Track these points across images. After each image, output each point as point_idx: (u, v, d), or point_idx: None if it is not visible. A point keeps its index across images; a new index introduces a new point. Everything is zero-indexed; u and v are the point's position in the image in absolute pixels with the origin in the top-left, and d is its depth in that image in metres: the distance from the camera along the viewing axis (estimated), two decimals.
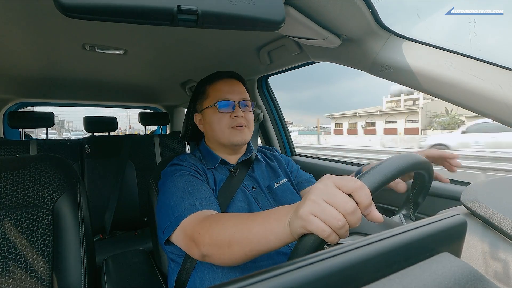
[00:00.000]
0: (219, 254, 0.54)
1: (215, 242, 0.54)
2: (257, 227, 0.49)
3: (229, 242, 0.52)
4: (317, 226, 0.38)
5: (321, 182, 0.42)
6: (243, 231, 0.51)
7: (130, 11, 0.40)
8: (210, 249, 0.55)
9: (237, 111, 0.81)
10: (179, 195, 0.68)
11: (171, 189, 0.71)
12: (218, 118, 0.81)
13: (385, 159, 0.49)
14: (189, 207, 0.65)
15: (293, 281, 0.23)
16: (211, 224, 0.57)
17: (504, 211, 0.43)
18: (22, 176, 0.76)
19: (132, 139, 2.04)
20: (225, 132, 0.81)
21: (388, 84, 37.03)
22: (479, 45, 0.72)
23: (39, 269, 0.72)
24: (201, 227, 0.58)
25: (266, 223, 0.48)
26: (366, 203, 0.39)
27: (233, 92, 0.83)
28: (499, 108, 0.58)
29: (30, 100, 2.26)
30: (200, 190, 0.70)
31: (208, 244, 0.55)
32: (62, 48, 1.14)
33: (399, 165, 0.47)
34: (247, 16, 0.47)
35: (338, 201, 0.38)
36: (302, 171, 0.98)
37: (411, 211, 0.67)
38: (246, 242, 0.50)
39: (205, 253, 0.56)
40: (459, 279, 0.29)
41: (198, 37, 1.06)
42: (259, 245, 0.49)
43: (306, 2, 0.66)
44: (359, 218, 0.39)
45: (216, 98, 0.82)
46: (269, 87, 1.60)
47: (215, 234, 0.54)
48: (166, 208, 0.69)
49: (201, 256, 0.58)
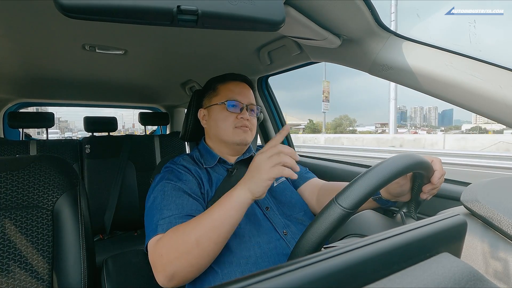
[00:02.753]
0: (189, 261, 0.56)
1: (181, 252, 0.56)
2: (216, 212, 0.57)
3: (196, 241, 0.56)
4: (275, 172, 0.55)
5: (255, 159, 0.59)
6: (205, 223, 0.57)
7: (130, 11, 0.40)
8: (178, 263, 0.57)
9: (244, 113, 0.83)
10: (153, 208, 0.70)
11: (149, 198, 0.74)
12: (225, 116, 0.83)
13: (384, 160, 0.48)
14: (154, 227, 0.65)
15: (293, 281, 0.23)
16: (171, 238, 0.59)
17: (504, 211, 0.43)
18: (22, 176, 0.76)
19: (132, 139, 2.04)
20: (229, 130, 0.82)
21: (387, 84, 37.07)
22: (480, 45, 0.72)
23: (39, 269, 0.72)
24: (161, 246, 0.60)
25: (221, 205, 0.58)
26: (283, 150, 0.57)
27: (243, 95, 0.85)
28: (499, 108, 0.58)
29: (30, 100, 2.26)
30: (170, 207, 0.68)
31: (175, 259, 0.57)
32: (62, 48, 1.14)
33: (396, 166, 0.47)
34: (247, 16, 0.47)
35: (270, 151, 0.57)
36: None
37: (412, 209, 0.67)
38: (212, 230, 0.56)
39: (172, 271, 0.57)
40: (459, 279, 0.29)
41: (198, 37, 1.06)
42: (224, 225, 0.56)
43: (306, 2, 0.66)
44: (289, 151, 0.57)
45: (226, 97, 0.84)
46: (269, 87, 1.60)
47: (179, 243, 0.57)
48: (146, 217, 0.71)
49: (168, 279, 0.58)
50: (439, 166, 0.59)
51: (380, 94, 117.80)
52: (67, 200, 0.78)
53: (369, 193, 0.43)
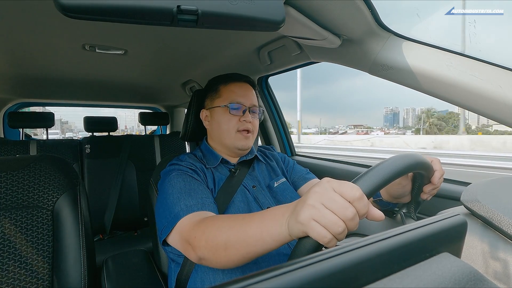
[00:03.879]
0: (216, 257, 0.54)
1: (211, 246, 0.54)
2: (253, 229, 0.48)
3: (225, 245, 0.52)
4: (318, 232, 0.38)
5: (320, 186, 0.41)
6: (239, 233, 0.50)
7: (130, 11, 0.40)
8: (207, 253, 0.55)
9: (246, 116, 0.82)
10: (176, 196, 0.68)
11: (168, 189, 0.71)
12: (228, 119, 0.82)
13: (384, 160, 0.48)
14: (185, 208, 0.65)
15: (293, 281, 0.23)
16: (207, 227, 0.57)
17: (504, 211, 0.43)
18: (22, 176, 0.76)
19: (132, 139, 2.04)
20: (231, 134, 0.82)
21: (386, 83, 36.96)
22: (480, 45, 0.72)
23: (39, 269, 0.72)
24: (197, 230, 0.58)
25: (262, 224, 0.48)
26: (363, 211, 0.39)
27: (246, 96, 0.85)
28: (499, 108, 0.58)
29: (30, 100, 2.26)
30: (197, 191, 0.70)
31: (204, 248, 0.55)
32: (62, 48, 1.14)
33: (397, 166, 0.47)
34: (247, 16, 0.47)
35: (338, 207, 0.38)
36: (298, 167, 0.98)
37: (412, 209, 0.67)
38: (243, 244, 0.49)
39: (201, 256, 0.56)
40: (459, 279, 0.29)
41: (198, 37, 1.06)
42: (256, 247, 0.48)
43: (306, 2, 0.66)
44: (358, 223, 0.39)
45: (229, 99, 0.83)
46: (269, 87, 1.60)
47: (211, 238, 0.54)
48: (163, 208, 0.69)
49: (197, 259, 0.58)
50: (439, 166, 0.59)
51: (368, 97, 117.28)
52: (67, 200, 0.78)
53: (368, 194, 0.43)
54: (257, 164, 0.91)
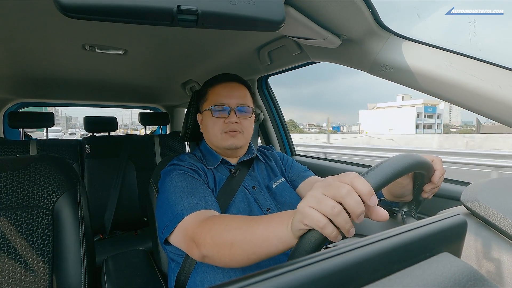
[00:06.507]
0: (220, 256, 0.54)
1: (216, 243, 0.54)
2: (260, 229, 0.49)
3: (231, 243, 0.52)
4: (312, 217, 0.38)
5: (322, 180, 0.43)
6: (246, 232, 0.50)
7: (130, 11, 0.40)
8: (211, 250, 0.55)
9: (231, 117, 0.81)
10: (178, 194, 0.68)
11: (170, 188, 0.71)
12: (213, 122, 0.82)
13: (387, 158, 0.48)
14: (188, 206, 0.65)
15: (293, 281, 0.23)
16: (214, 225, 0.57)
17: (504, 211, 0.43)
18: (22, 176, 0.76)
19: (132, 139, 2.04)
20: (218, 136, 0.82)
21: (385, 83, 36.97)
22: (480, 45, 0.73)
23: (39, 269, 0.72)
24: (202, 227, 0.58)
25: (269, 225, 0.48)
26: (361, 188, 0.39)
27: (230, 96, 0.83)
28: (498, 108, 0.58)
29: (30, 100, 2.26)
30: (199, 190, 0.70)
31: (210, 245, 0.55)
32: (62, 48, 1.14)
33: (398, 166, 0.47)
34: (247, 16, 0.47)
35: (332, 187, 0.39)
36: (296, 164, 0.98)
37: (413, 209, 0.67)
38: (249, 244, 0.50)
39: (205, 254, 0.56)
40: (459, 279, 0.29)
41: (198, 37, 1.06)
42: (262, 248, 0.48)
43: (306, 2, 0.66)
44: (358, 202, 0.38)
45: (212, 102, 0.83)
46: (269, 87, 1.60)
47: (217, 235, 0.54)
48: (165, 207, 0.69)
49: (201, 257, 0.58)
50: (440, 166, 0.59)
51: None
52: (67, 200, 0.78)
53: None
54: (257, 164, 0.91)
